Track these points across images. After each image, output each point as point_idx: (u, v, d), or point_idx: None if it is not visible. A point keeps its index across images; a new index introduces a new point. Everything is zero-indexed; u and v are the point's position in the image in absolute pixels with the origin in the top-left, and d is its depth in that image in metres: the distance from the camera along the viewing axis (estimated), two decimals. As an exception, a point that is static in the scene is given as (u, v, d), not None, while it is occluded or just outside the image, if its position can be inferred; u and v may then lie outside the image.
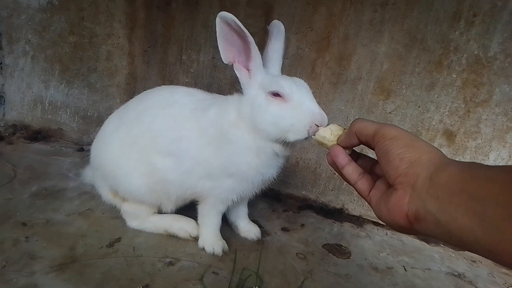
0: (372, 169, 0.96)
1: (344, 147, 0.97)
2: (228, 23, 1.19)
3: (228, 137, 1.32)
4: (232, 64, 1.29)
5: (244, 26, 1.17)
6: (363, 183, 0.91)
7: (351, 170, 0.93)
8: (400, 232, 0.80)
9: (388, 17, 1.81)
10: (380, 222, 0.84)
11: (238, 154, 1.32)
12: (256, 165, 1.34)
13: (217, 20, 1.19)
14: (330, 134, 1.05)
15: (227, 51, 1.26)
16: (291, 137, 1.21)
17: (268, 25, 1.40)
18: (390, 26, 1.82)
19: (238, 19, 1.18)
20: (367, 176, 0.92)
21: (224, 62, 1.27)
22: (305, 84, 1.30)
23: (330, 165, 0.98)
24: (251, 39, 1.20)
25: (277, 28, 1.38)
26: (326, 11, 1.89)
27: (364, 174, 0.92)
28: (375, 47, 1.86)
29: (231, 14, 1.17)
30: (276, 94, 1.23)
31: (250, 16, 1.98)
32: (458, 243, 0.64)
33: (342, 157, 0.95)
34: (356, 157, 1.00)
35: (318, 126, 1.15)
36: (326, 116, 1.19)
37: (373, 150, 0.86)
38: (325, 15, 1.90)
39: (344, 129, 1.03)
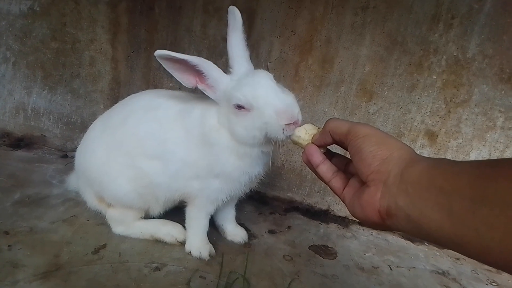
0: (346, 167, 0.99)
1: (319, 146, 1.00)
2: (167, 58, 1.20)
3: (210, 140, 1.32)
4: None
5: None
6: (337, 181, 0.93)
7: (326, 168, 0.95)
8: (373, 228, 0.83)
9: (369, 20, 1.84)
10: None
11: (221, 155, 1.32)
12: (239, 166, 1.34)
13: (158, 59, 1.20)
14: (305, 133, 1.08)
15: (184, 79, 1.26)
16: (274, 136, 1.18)
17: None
18: (371, 29, 1.85)
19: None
20: (341, 174, 0.94)
21: (189, 88, 1.28)
22: (264, 78, 1.22)
23: (305, 163, 1.01)
24: (193, 60, 1.21)
25: (233, 16, 1.32)
26: (308, 15, 1.91)
27: (338, 172, 0.95)
28: (357, 50, 1.89)
29: (163, 51, 1.18)
30: (239, 106, 1.21)
31: (233, 20, 1.99)
32: (428, 238, 0.67)
33: (317, 156, 0.97)
34: (330, 156, 1.03)
35: (292, 123, 1.12)
36: (295, 106, 1.16)
37: (346, 149, 0.88)
38: (308, 19, 1.92)
39: (318, 128, 1.06)
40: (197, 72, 1.25)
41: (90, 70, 2.31)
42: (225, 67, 1.33)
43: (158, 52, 1.18)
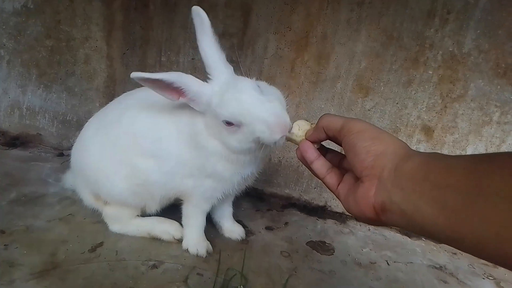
0: (340, 163, 0.99)
1: (313, 142, 1.00)
2: (144, 79, 1.17)
3: (200, 143, 1.30)
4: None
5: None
6: (331, 177, 0.93)
7: (320, 164, 0.95)
8: (368, 224, 0.83)
9: (365, 16, 1.83)
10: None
11: (210, 159, 1.31)
12: (230, 168, 1.33)
13: (136, 80, 1.16)
14: (298, 129, 1.07)
15: (166, 95, 1.22)
16: (269, 143, 1.15)
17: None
18: (367, 25, 1.84)
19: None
20: (335, 170, 0.94)
21: (172, 101, 1.25)
22: (247, 89, 1.17)
23: (300, 160, 1.01)
24: (169, 77, 1.17)
25: (199, 17, 1.22)
26: (303, 11, 1.90)
27: (333, 168, 0.95)
28: (353, 46, 1.88)
29: (137, 73, 1.14)
30: (228, 123, 1.18)
31: (228, 17, 1.98)
32: (423, 232, 0.67)
33: (311, 152, 0.97)
34: (324, 152, 1.02)
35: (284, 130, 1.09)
36: (285, 115, 1.11)
37: (340, 145, 0.88)
38: (303, 15, 1.91)
39: (311, 124, 1.05)
40: (177, 88, 1.20)
41: (85, 68, 2.30)
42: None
43: (134, 75, 1.14)
